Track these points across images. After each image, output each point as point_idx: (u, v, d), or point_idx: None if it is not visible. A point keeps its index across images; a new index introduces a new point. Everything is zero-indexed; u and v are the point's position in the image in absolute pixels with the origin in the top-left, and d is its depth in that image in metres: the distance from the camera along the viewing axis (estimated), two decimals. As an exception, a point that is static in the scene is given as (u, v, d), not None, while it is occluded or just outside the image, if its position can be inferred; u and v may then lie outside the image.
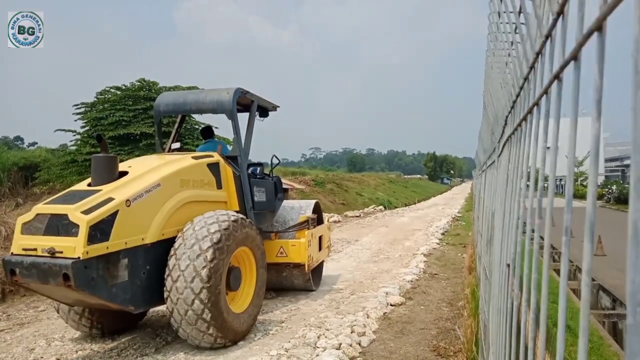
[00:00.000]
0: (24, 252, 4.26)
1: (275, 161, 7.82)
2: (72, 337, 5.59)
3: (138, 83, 19.20)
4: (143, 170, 5.11)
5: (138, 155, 17.07)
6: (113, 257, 4.38)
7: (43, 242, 4.22)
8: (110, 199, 4.47)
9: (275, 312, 6.42)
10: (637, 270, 0.41)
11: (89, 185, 4.84)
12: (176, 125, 7.50)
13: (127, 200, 4.55)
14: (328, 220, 9.27)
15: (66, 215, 4.24)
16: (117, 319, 5.48)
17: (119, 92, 19.03)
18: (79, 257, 4.06)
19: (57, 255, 4.12)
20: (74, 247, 4.10)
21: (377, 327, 5.84)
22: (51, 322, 6.29)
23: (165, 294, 4.79)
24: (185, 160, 5.67)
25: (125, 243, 4.51)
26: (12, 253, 4.35)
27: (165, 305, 4.90)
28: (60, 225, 4.24)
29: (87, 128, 18.82)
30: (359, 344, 5.21)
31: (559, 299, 0.80)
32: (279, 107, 7.79)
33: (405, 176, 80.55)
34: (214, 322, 4.76)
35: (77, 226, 4.16)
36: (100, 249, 4.23)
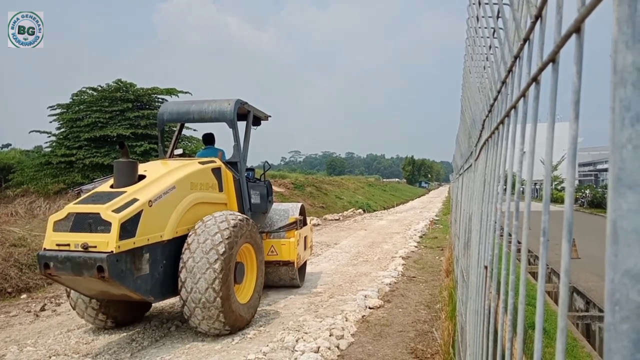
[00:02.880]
0: (57, 248, 4.67)
1: (267, 166, 8.43)
2: (45, 343, 5.47)
3: (114, 84, 18.94)
4: (159, 174, 5.61)
5: (115, 158, 16.87)
6: (138, 252, 4.86)
7: (76, 238, 4.64)
8: (135, 200, 4.94)
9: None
10: (616, 269, 0.41)
11: (112, 187, 5.28)
12: (176, 133, 7.99)
13: (150, 201, 5.04)
14: (310, 222, 9.47)
15: (98, 214, 4.69)
16: (128, 312, 5.95)
17: (95, 93, 18.74)
18: (112, 251, 4.51)
19: (91, 249, 4.56)
20: (107, 242, 4.56)
21: (355, 330, 5.85)
22: (23, 327, 6.15)
23: (180, 285, 5.22)
24: (193, 165, 6.16)
25: (148, 239, 5.00)
26: (44, 248, 4.73)
27: (177, 297, 5.38)
28: (92, 223, 4.69)
29: (62, 129, 18.50)
30: (338, 347, 5.20)
31: (536, 301, 0.80)
32: (270, 116, 8.20)
33: (384, 180, 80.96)
34: (224, 311, 5.21)
35: (110, 224, 4.62)
36: (128, 244, 4.70)
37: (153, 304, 6.49)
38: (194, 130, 18.69)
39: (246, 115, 7.39)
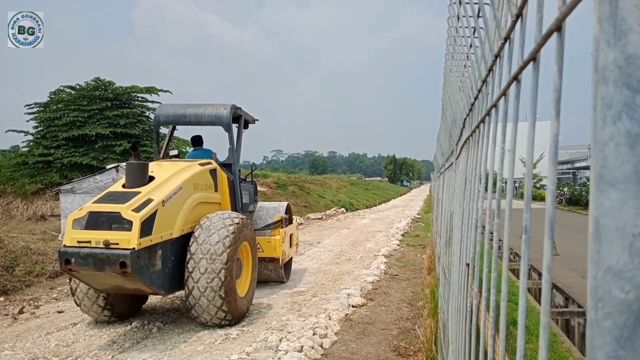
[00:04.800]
0: (78, 244, 4.91)
1: (253, 167, 8.79)
2: (24, 346, 5.37)
3: (93, 82, 18.68)
4: (167, 176, 5.90)
5: (94, 157, 16.70)
6: (153, 248, 5.17)
7: (96, 236, 4.90)
8: (150, 200, 5.26)
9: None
10: (599, 267, 0.41)
11: (124, 186, 5.57)
12: (169, 135, 8.27)
13: (163, 201, 5.37)
14: (296, 221, 9.62)
15: (119, 213, 4.97)
16: (129, 306, 6.23)
17: (73, 92, 18.47)
18: (134, 248, 4.82)
19: (113, 246, 4.83)
20: (129, 239, 4.85)
21: (338, 329, 5.86)
22: (1, 330, 6.03)
23: (187, 278, 5.54)
24: (195, 167, 6.49)
25: (161, 237, 5.32)
26: (64, 245, 4.96)
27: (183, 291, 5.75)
28: (113, 221, 4.98)
29: (40, 129, 18.20)
30: (321, 346, 5.20)
31: (516, 298, 0.81)
32: (257, 120, 8.50)
33: (366, 178, 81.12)
34: (227, 302, 5.55)
35: (131, 222, 4.92)
36: (146, 241, 5.02)
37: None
38: (175, 129, 18.54)
39: (237, 119, 7.69)
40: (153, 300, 7.04)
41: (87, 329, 5.89)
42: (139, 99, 19.45)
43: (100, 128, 17.27)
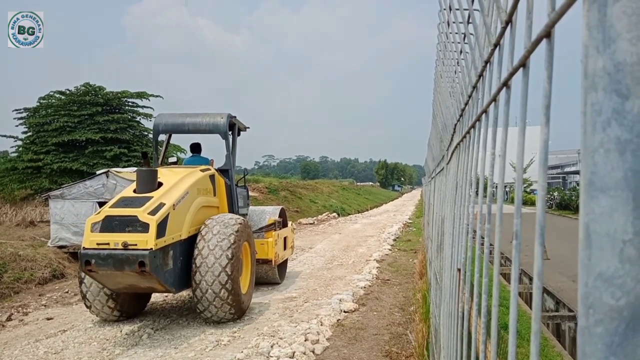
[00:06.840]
0: (97, 246, 5.23)
1: (245, 172, 9.23)
2: (12, 354, 5.30)
3: (83, 88, 18.57)
4: (174, 181, 6.24)
5: (84, 163, 16.60)
6: (166, 249, 5.53)
7: (114, 238, 5.24)
8: (163, 204, 5.63)
9: (227, 322, 6.30)
10: (589, 273, 0.41)
11: (135, 192, 5.92)
12: (166, 143, 8.68)
13: (174, 204, 5.74)
14: (292, 224, 10.15)
15: (136, 216, 5.34)
16: (136, 306, 6.59)
17: (63, 97, 18.35)
18: (151, 248, 5.19)
19: (131, 247, 5.17)
20: (146, 240, 5.22)
21: (330, 334, 5.84)
22: (-12, 338, 5.95)
23: (199, 241, 5.98)
24: (197, 173, 6.85)
25: (172, 238, 5.68)
26: (84, 247, 5.27)
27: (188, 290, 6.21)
28: (129, 224, 5.32)
29: (29, 134, 18.07)
30: (313, 352, 5.18)
31: (507, 302, 0.80)
32: (249, 127, 8.88)
33: (358, 183, 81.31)
34: (232, 297, 5.92)
35: (147, 225, 5.29)
36: (161, 242, 5.38)
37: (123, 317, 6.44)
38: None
39: (232, 127, 7.96)
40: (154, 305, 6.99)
41: (76, 336, 5.84)
42: (130, 104, 19.36)
43: (90, 133, 17.16)
